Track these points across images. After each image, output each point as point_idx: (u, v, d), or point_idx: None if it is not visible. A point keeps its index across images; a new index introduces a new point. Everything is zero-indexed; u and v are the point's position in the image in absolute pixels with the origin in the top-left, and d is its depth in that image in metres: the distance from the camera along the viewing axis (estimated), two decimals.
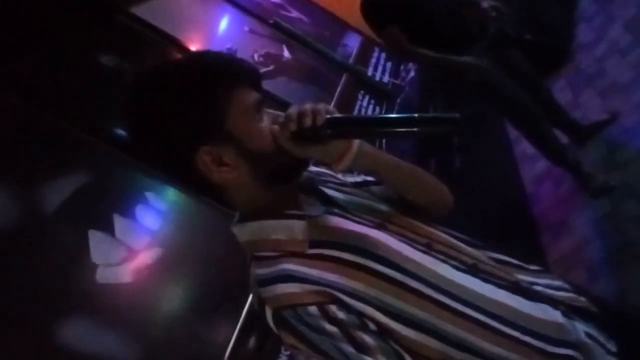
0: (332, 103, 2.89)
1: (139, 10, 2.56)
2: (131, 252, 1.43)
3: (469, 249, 0.68)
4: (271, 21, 3.38)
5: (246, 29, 3.21)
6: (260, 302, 0.60)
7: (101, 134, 1.74)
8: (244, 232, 0.66)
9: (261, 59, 2.89)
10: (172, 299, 1.47)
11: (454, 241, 0.69)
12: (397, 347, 0.56)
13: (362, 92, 3.20)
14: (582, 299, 0.71)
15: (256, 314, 0.66)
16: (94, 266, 1.32)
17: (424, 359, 0.57)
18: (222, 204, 0.72)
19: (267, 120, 0.64)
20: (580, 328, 0.65)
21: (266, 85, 2.50)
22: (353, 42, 3.86)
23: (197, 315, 1.42)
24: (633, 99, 2.10)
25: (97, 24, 2.30)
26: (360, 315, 0.56)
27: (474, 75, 1.90)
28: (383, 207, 0.70)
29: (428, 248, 0.64)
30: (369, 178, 0.76)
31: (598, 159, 2.09)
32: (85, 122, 1.77)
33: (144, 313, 1.38)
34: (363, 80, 3.38)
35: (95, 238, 1.38)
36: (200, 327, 1.39)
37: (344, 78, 3.16)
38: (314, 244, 0.61)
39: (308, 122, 0.58)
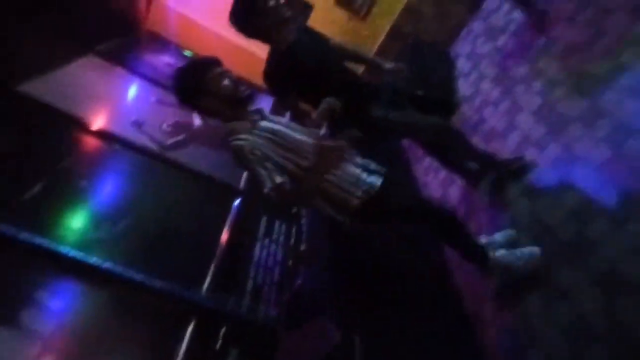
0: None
1: (30, 88, 2.42)
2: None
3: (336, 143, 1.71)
4: None
5: (153, 99, 3.17)
6: (228, 149, 1.53)
7: None
8: (225, 129, 1.56)
9: (170, 128, 2.86)
10: None
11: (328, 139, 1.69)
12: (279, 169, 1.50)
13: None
14: (381, 169, 1.76)
15: None
16: None
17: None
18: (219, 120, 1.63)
19: (227, 79, 1.58)
20: (366, 175, 1.69)
21: (178, 154, 2.56)
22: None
23: None
24: (508, 144, 2.42)
25: None
26: (265, 155, 1.49)
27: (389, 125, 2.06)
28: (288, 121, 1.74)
29: (307, 134, 1.66)
30: None
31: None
32: None
33: None
34: None
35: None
36: None
37: None
38: (254, 129, 1.55)
39: None
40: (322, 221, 2.52)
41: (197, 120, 3.18)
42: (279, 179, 1.43)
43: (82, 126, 2.46)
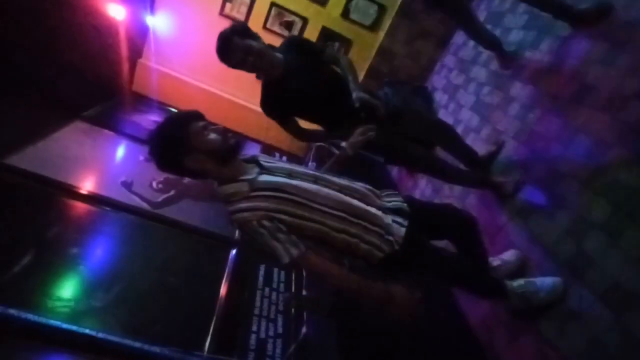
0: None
1: (16, 160, 2.42)
2: None
3: (343, 182, 1.48)
4: None
5: (141, 158, 3.19)
6: (232, 222, 1.31)
7: None
8: (221, 191, 1.34)
9: (160, 185, 2.85)
10: None
11: (333, 178, 1.47)
12: (294, 237, 1.27)
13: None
14: (403, 204, 1.54)
15: None
16: None
17: (308, 239, 1.31)
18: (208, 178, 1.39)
19: (213, 132, 1.35)
20: (390, 218, 1.45)
21: (169, 211, 2.46)
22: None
23: None
24: (495, 167, 2.48)
25: None
26: (278, 221, 1.27)
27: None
28: (290, 167, 1.47)
29: (314, 180, 1.41)
30: None
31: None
32: None
33: None
34: None
35: None
36: None
37: None
38: (254, 191, 1.31)
39: None
40: None
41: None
42: (294, 251, 1.26)
43: (70, 192, 2.44)
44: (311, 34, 3.96)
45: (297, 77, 1.98)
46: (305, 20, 3.94)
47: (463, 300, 2.25)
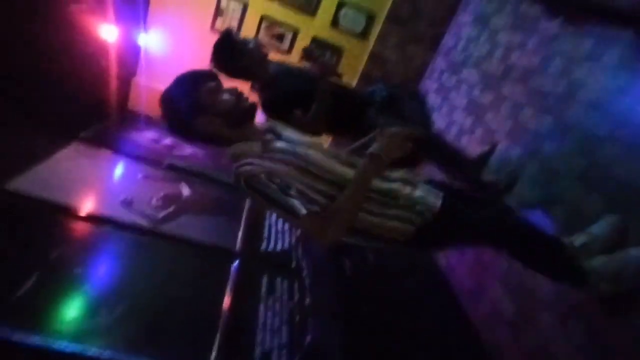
0: (241, 227, 2.92)
1: (17, 184, 2.44)
2: None
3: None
4: (165, 164, 3.46)
5: (140, 176, 3.21)
6: (236, 177, 1.17)
7: None
8: (231, 150, 1.24)
9: (159, 202, 2.87)
10: None
11: (354, 158, 1.31)
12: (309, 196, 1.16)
13: (269, 210, 3.30)
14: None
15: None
16: None
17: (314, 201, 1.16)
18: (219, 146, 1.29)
19: (226, 93, 1.27)
20: (420, 190, 1.30)
21: (170, 227, 2.41)
22: None
23: None
24: (490, 165, 2.50)
25: None
26: (286, 184, 1.14)
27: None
28: (309, 140, 1.34)
29: (334, 156, 1.27)
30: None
31: None
32: None
33: None
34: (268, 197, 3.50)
35: None
36: None
37: (248, 201, 3.25)
38: (267, 152, 1.20)
39: None
40: (323, 270, 2.50)
41: (185, 190, 3.21)
42: (315, 207, 1.12)
43: (71, 213, 2.46)
44: (302, 44, 4.01)
45: (288, 75, 2.09)
46: (295, 31, 3.99)
47: (464, 299, 2.26)
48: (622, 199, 1.59)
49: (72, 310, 1.90)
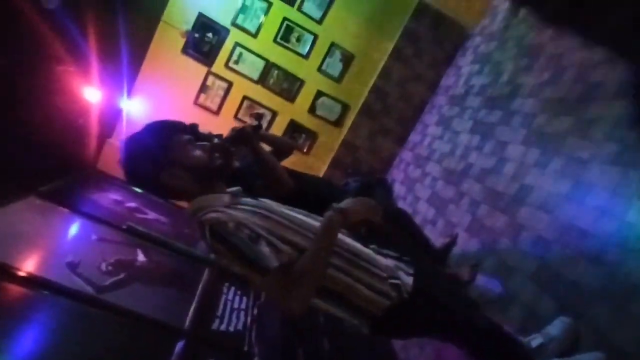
0: (194, 302, 2.74)
1: None
2: None
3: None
4: (124, 226, 3.33)
5: (94, 237, 3.05)
6: (201, 225, 1.07)
7: None
8: (194, 204, 1.14)
9: (110, 267, 2.70)
10: None
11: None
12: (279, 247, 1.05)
13: (227, 284, 3.15)
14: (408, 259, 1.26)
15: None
16: None
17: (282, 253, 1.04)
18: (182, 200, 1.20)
19: (199, 149, 1.21)
20: (394, 263, 1.21)
21: (116, 295, 2.20)
22: None
23: None
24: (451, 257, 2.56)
25: None
26: (256, 233, 1.04)
27: None
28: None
29: (306, 214, 1.19)
30: None
31: None
32: None
33: None
34: (227, 271, 3.37)
35: None
36: None
37: (205, 274, 3.11)
38: (235, 203, 1.13)
39: None
40: (275, 358, 2.34)
41: (140, 257, 3.05)
42: (285, 257, 1.02)
43: (5, 272, 2.26)
44: (280, 125, 4.22)
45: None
46: (274, 114, 4.22)
47: None
48: (572, 300, 1.64)
49: None
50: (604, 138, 1.82)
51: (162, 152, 1.15)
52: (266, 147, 1.91)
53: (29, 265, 2.46)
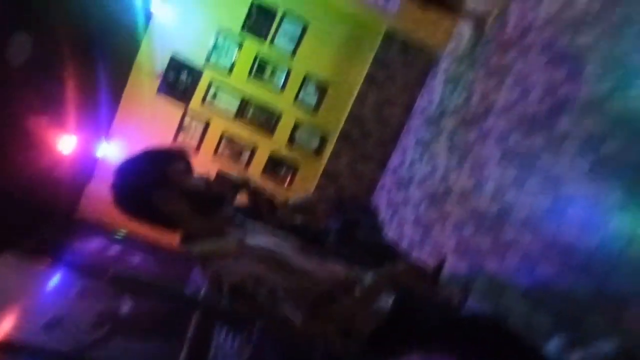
0: (183, 350, 2.65)
1: None
2: None
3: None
4: (108, 275, 3.22)
5: (75, 291, 2.94)
6: (216, 279, 1.08)
7: None
8: (200, 247, 1.12)
9: (92, 322, 2.59)
10: None
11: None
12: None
13: (217, 326, 3.05)
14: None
15: None
16: None
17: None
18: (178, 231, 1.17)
19: (196, 179, 1.17)
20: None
21: (100, 352, 2.07)
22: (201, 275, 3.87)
23: None
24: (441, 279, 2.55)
25: None
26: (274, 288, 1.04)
27: None
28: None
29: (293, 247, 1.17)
30: None
31: None
32: None
33: None
34: (218, 310, 3.26)
35: None
36: None
37: (195, 318, 3.01)
38: (243, 250, 1.10)
39: None
40: None
41: (125, 306, 2.95)
42: (298, 316, 1.05)
43: None
44: (259, 160, 4.22)
45: None
46: (254, 148, 4.23)
47: None
48: (568, 315, 1.64)
49: None
50: (577, 152, 1.87)
51: (156, 176, 1.12)
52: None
53: (3, 328, 2.34)
